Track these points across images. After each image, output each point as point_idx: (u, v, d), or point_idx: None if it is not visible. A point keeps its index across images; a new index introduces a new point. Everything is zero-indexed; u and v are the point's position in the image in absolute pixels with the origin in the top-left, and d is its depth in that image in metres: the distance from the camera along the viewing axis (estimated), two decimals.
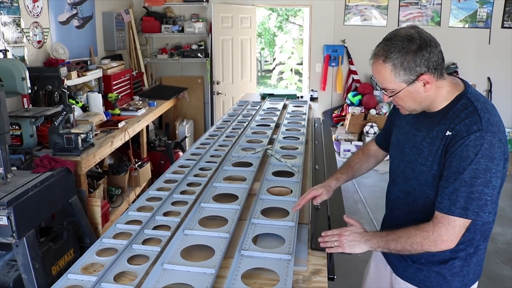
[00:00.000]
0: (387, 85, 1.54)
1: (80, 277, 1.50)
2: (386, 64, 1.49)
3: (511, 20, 7.10)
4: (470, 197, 1.45)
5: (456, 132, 1.48)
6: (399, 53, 1.47)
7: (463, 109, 1.52)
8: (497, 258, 4.02)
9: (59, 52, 4.36)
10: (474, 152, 1.44)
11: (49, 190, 2.72)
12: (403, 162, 1.73)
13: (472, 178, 1.44)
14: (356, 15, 7.13)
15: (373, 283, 2.09)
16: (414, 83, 1.50)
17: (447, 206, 1.48)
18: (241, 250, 1.62)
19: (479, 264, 1.73)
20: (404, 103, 1.57)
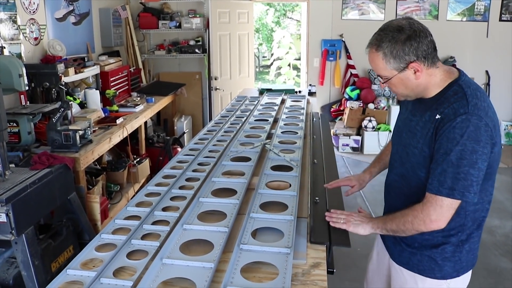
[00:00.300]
0: (380, 72, 1.65)
1: (80, 273, 1.50)
2: (378, 53, 1.61)
3: (509, 13, 7.10)
4: (456, 177, 1.52)
5: (445, 116, 1.56)
6: (389, 43, 1.58)
7: (454, 94, 1.60)
8: (496, 250, 4.03)
9: (56, 49, 4.35)
10: (460, 134, 1.51)
11: (48, 187, 2.72)
12: (400, 147, 1.81)
13: (458, 159, 1.51)
14: (354, 9, 7.13)
15: (375, 270, 2.18)
16: (405, 71, 1.60)
17: (436, 187, 1.56)
18: (240, 244, 1.62)
19: (472, 252, 1.78)
20: (397, 89, 1.68)
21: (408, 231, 1.64)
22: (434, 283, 1.80)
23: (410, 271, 1.84)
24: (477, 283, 3.52)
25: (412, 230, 1.64)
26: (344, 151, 6.98)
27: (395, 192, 1.88)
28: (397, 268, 1.91)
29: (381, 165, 2.17)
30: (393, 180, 1.88)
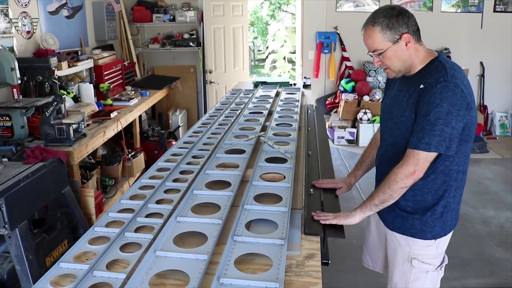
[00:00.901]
0: (376, 46, 1.84)
1: (72, 266, 1.49)
2: (375, 27, 1.82)
3: (503, 4, 7.09)
4: (432, 134, 1.75)
5: (427, 84, 1.79)
6: (384, 17, 1.81)
7: (435, 68, 1.83)
8: (491, 241, 4.05)
9: (49, 43, 4.32)
10: (439, 98, 1.74)
11: (41, 181, 2.71)
12: (390, 121, 2.00)
13: (436, 119, 1.74)
14: (348, 2, 7.11)
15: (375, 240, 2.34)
16: (398, 42, 1.82)
17: (415, 142, 1.78)
18: (234, 236, 1.61)
19: (455, 212, 2.01)
20: (391, 62, 1.87)
21: (395, 191, 1.83)
22: (425, 243, 2.00)
23: (403, 235, 2.03)
24: (472, 273, 3.54)
25: (398, 189, 1.82)
26: (339, 143, 6.98)
27: (386, 160, 2.03)
28: (391, 233, 2.09)
29: (364, 168, 2.33)
30: (385, 150, 2.07)
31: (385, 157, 2.06)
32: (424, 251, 2.01)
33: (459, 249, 3.82)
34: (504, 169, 5.99)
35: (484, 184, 5.42)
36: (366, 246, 2.44)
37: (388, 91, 2.13)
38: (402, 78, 1.96)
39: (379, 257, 2.34)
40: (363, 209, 1.91)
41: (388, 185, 1.83)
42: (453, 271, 3.48)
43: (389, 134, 2.01)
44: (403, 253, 2.05)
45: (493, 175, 5.73)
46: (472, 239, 4.09)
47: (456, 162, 1.89)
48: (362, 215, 1.91)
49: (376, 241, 2.33)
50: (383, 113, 2.10)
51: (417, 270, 2.03)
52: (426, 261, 2.02)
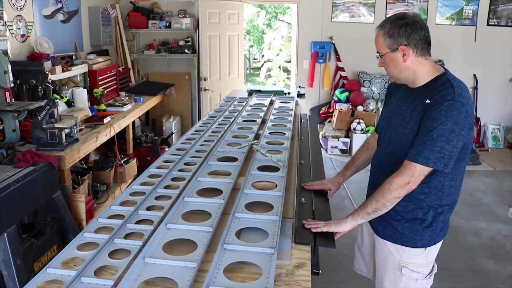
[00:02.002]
0: (378, 49, 1.93)
1: (60, 272, 1.48)
2: (380, 31, 1.90)
3: (496, 18, 7.17)
4: (433, 149, 1.77)
5: (434, 101, 1.80)
6: (390, 24, 1.87)
7: (442, 84, 1.83)
8: (482, 252, 4.05)
9: (43, 46, 4.31)
10: (444, 115, 1.75)
11: (31, 185, 2.69)
12: (389, 129, 2.03)
13: (438, 135, 1.76)
14: (344, 12, 7.15)
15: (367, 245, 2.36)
16: (395, 52, 1.87)
17: (414, 155, 1.81)
18: (224, 244, 1.60)
19: (445, 222, 2.04)
20: (388, 67, 1.94)
21: (388, 201, 1.85)
22: (415, 252, 2.02)
23: (394, 243, 2.05)
24: (463, 285, 3.53)
25: (392, 199, 1.84)
26: (333, 153, 6.98)
27: (383, 169, 2.04)
28: (382, 241, 2.11)
29: (353, 169, 2.38)
30: (382, 159, 2.08)
31: (382, 166, 2.07)
32: (413, 260, 2.04)
33: (450, 261, 3.81)
34: (496, 181, 6.01)
35: (476, 196, 5.43)
36: (360, 251, 2.44)
37: (390, 99, 2.16)
38: (406, 89, 1.99)
39: (371, 263, 2.35)
40: (355, 216, 1.91)
41: (382, 194, 1.85)
42: (444, 282, 3.48)
43: (388, 143, 2.03)
44: (393, 261, 2.07)
45: (485, 187, 5.75)
46: (463, 250, 4.09)
47: (450, 178, 1.91)
48: (354, 223, 1.91)
49: (368, 247, 2.35)
50: (383, 121, 2.12)
51: (407, 278, 2.05)
52: (415, 269, 2.04)
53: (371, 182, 2.20)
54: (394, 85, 2.14)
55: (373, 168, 2.19)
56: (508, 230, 4.49)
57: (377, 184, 1.96)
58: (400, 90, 2.05)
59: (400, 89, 2.06)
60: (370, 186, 2.20)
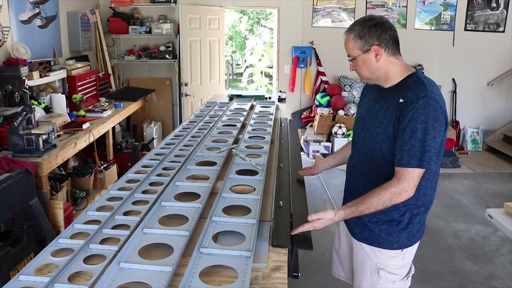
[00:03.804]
0: (349, 52, 1.94)
1: (33, 278, 1.45)
2: (350, 34, 1.91)
3: (473, 23, 7.30)
4: (423, 150, 1.78)
5: (408, 99, 1.82)
6: (360, 26, 1.89)
7: (413, 82, 1.87)
8: (461, 254, 4.10)
9: (20, 52, 4.25)
10: (422, 113, 1.78)
11: (7, 192, 2.65)
12: (363, 130, 2.04)
13: (424, 134, 1.78)
14: (325, 17, 7.20)
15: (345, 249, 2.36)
16: (368, 52, 1.89)
17: (406, 161, 1.80)
18: (200, 248, 1.59)
19: (421, 224, 2.06)
20: (361, 70, 1.95)
21: (384, 207, 1.84)
22: (392, 253, 2.04)
23: (370, 245, 2.06)
24: (442, 286, 3.56)
25: (389, 206, 1.84)
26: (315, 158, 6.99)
27: (358, 170, 2.08)
28: (358, 244, 2.12)
29: (338, 159, 2.44)
30: (357, 160, 2.09)
31: (357, 167, 2.09)
32: (391, 262, 2.05)
33: (430, 262, 3.85)
34: (475, 184, 6.09)
35: (455, 198, 5.50)
36: (337, 255, 2.44)
37: (363, 101, 2.17)
38: (378, 89, 2.01)
39: (349, 267, 2.35)
40: (346, 215, 1.90)
41: (382, 203, 1.83)
42: (424, 284, 3.50)
43: (363, 143, 2.04)
44: (370, 264, 2.08)
45: (464, 189, 5.82)
46: (443, 252, 4.13)
47: (426, 179, 1.91)
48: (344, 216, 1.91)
49: (346, 250, 2.35)
50: (357, 123, 2.14)
51: (384, 280, 2.06)
52: (392, 271, 2.05)
53: (347, 185, 2.22)
54: (367, 87, 2.16)
55: (349, 170, 2.20)
56: (487, 231, 4.55)
57: (353, 186, 2.03)
58: (373, 91, 2.07)
59: (373, 90, 2.07)
60: (346, 189, 2.23)
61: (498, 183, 6.10)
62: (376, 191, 1.84)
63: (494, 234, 4.48)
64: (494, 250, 4.20)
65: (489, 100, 7.61)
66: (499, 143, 7.49)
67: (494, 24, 7.33)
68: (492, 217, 2.73)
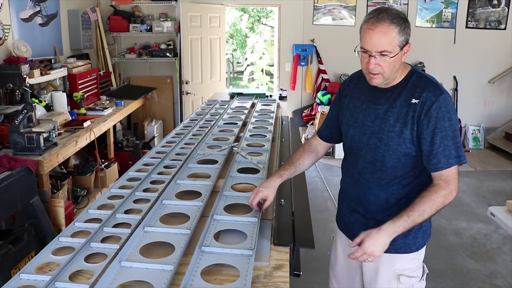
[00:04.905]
0: (386, 47, 1.67)
1: (33, 277, 1.45)
2: (392, 26, 1.66)
3: (474, 21, 7.27)
4: (457, 146, 1.74)
5: (425, 99, 1.73)
6: (400, 19, 1.68)
7: (418, 81, 1.78)
8: (463, 252, 4.09)
9: (21, 50, 4.25)
10: (447, 110, 1.72)
11: (8, 191, 2.64)
12: (365, 136, 1.87)
13: (453, 131, 1.73)
14: (325, 15, 7.18)
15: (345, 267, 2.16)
16: (402, 50, 1.71)
17: (445, 162, 1.72)
18: (201, 246, 1.59)
19: (430, 220, 1.94)
20: (388, 68, 1.72)
21: (435, 212, 1.73)
22: (410, 257, 1.94)
23: (386, 252, 1.80)
24: (444, 284, 3.56)
25: (439, 210, 1.73)
26: None
27: (365, 178, 1.90)
28: None
29: (291, 169, 2.04)
30: (363, 168, 1.90)
31: (365, 175, 1.90)
32: (409, 265, 1.95)
33: (431, 260, 3.84)
34: (476, 182, 6.08)
35: (457, 196, 5.45)
36: (333, 273, 2.25)
37: (350, 103, 1.95)
38: (371, 89, 1.85)
39: (348, 283, 2.18)
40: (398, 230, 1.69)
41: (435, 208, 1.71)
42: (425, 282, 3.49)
43: (368, 150, 1.86)
44: (387, 272, 1.95)
45: (465, 187, 5.81)
46: (445, 250, 4.12)
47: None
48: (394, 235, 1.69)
49: (344, 265, 2.16)
50: (353, 128, 1.92)
51: (405, 286, 1.95)
52: (411, 274, 1.96)
53: (351, 195, 2.00)
54: (349, 86, 2.00)
55: (351, 179, 1.98)
56: (488, 229, 4.54)
57: (360, 196, 1.90)
58: (361, 91, 1.91)
59: (361, 89, 1.92)
60: (351, 199, 2.01)
61: (499, 181, 6.09)
62: (426, 197, 1.71)
63: (496, 232, 4.47)
64: (496, 248, 4.19)
65: (491, 97, 7.59)
66: (500, 141, 7.48)
67: (495, 22, 7.30)
68: (494, 215, 2.72)
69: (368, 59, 1.72)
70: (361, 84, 1.91)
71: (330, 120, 2.10)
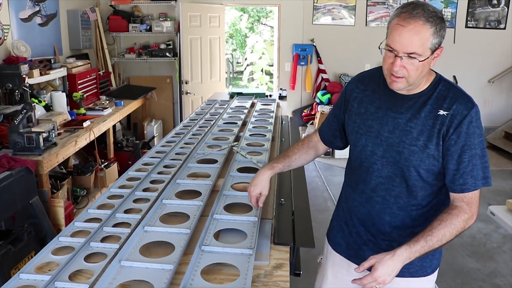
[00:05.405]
0: (417, 49, 1.47)
1: (33, 277, 1.45)
2: (427, 26, 1.45)
3: (474, 20, 7.27)
4: (484, 166, 1.56)
5: (455, 112, 1.54)
6: (438, 19, 1.47)
7: (447, 90, 1.59)
8: (463, 251, 4.09)
9: (20, 50, 4.25)
10: (477, 126, 1.55)
11: (7, 191, 2.64)
12: (380, 147, 1.65)
13: (482, 149, 1.56)
14: (325, 15, 7.18)
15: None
16: (433, 54, 1.51)
17: (472, 183, 1.55)
18: (201, 246, 1.59)
19: None
20: (416, 73, 1.52)
21: (454, 237, 1.55)
22: (425, 280, 1.78)
23: (401, 277, 1.66)
24: (444, 284, 3.56)
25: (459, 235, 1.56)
26: None
27: (380, 196, 1.69)
28: None
29: (285, 163, 1.86)
30: (377, 183, 1.69)
31: (379, 192, 1.69)
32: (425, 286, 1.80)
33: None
34: None
35: None
36: None
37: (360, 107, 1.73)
38: (388, 94, 1.64)
39: None
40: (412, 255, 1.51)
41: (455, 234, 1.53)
42: None
43: (385, 163, 1.65)
44: None
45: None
46: (445, 250, 4.05)
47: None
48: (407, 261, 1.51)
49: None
50: (366, 137, 1.69)
51: None
52: None
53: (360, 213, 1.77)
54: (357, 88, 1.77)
55: (362, 196, 1.76)
56: (488, 229, 4.54)
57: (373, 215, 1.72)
58: (376, 96, 1.70)
59: (374, 94, 1.71)
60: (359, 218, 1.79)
61: (499, 181, 6.08)
62: (447, 221, 1.53)
63: (496, 231, 4.47)
64: (496, 248, 4.19)
65: (490, 97, 7.59)
66: (500, 141, 7.48)
67: (495, 21, 7.30)
68: (494, 214, 2.72)
69: (393, 60, 1.50)
70: (373, 86, 1.71)
71: (334, 123, 1.88)
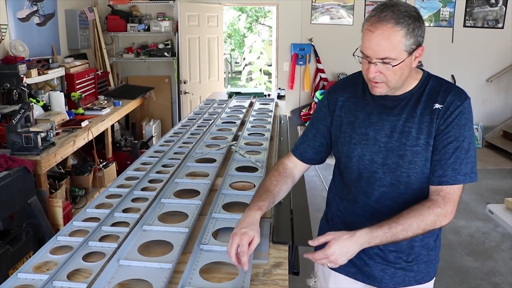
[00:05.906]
0: (389, 53, 1.38)
1: (31, 276, 1.44)
2: (397, 28, 1.35)
3: (472, 20, 7.29)
4: (469, 161, 1.48)
5: (449, 103, 1.48)
6: (410, 19, 1.37)
7: (438, 85, 1.54)
8: (461, 250, 4.09)
9: (18, 50, 4.24)
10: (469, 119, 1.49)
11: (5, 191, 2.63)
12: (380, 154, 1.55)
13: (469, 143, 1.48)
14: (323, 14, 7.18)
15: None
16: (411, 55, 1.41)
17: (452, 176, 1.47)
18: (200, 244, 1.59)
19: None
20: (393, 77, 1.44)
21: (423, 232, 1.46)
22: (429, 285, 1.74)
23: (407, 287, 1.67)
24: (443, 283, 3.56)
25: (427, 232, 1.47)
26: None
27: (386, 206, 1.59)
28: None
29: (270, 199, 1.63)
30: (381, 194, 1.59)
31: (384, 202, 1.59)
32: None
33: None
34: None
35: None
36: None
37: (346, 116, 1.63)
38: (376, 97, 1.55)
39: None
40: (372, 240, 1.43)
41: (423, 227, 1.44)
42: None
43: (387, 171, 1.55)
44: None
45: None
46: (444, 248, 4.08)
47: None
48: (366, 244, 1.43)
49: None
50: (360, 147, 1.58)
51: None
52: None
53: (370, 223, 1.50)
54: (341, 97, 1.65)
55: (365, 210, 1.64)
56: (487, 228, 4.55)
57: None
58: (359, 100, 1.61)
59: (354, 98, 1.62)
60: None
61: (497, 180, 6.10)
62: (417, 210, 1.44)
63: (494, 230, 4.48)
64: (495, 246, 4.20)
65: (489, 96, 7.60)
66: (498, 140, 7.49)
67: (493, 21, 7.31)
68: (493, 213, 2.72)
69: (368, 66, 1.44)
70: (359, 91, 1.62)
71: (316, 138, 1.75)
